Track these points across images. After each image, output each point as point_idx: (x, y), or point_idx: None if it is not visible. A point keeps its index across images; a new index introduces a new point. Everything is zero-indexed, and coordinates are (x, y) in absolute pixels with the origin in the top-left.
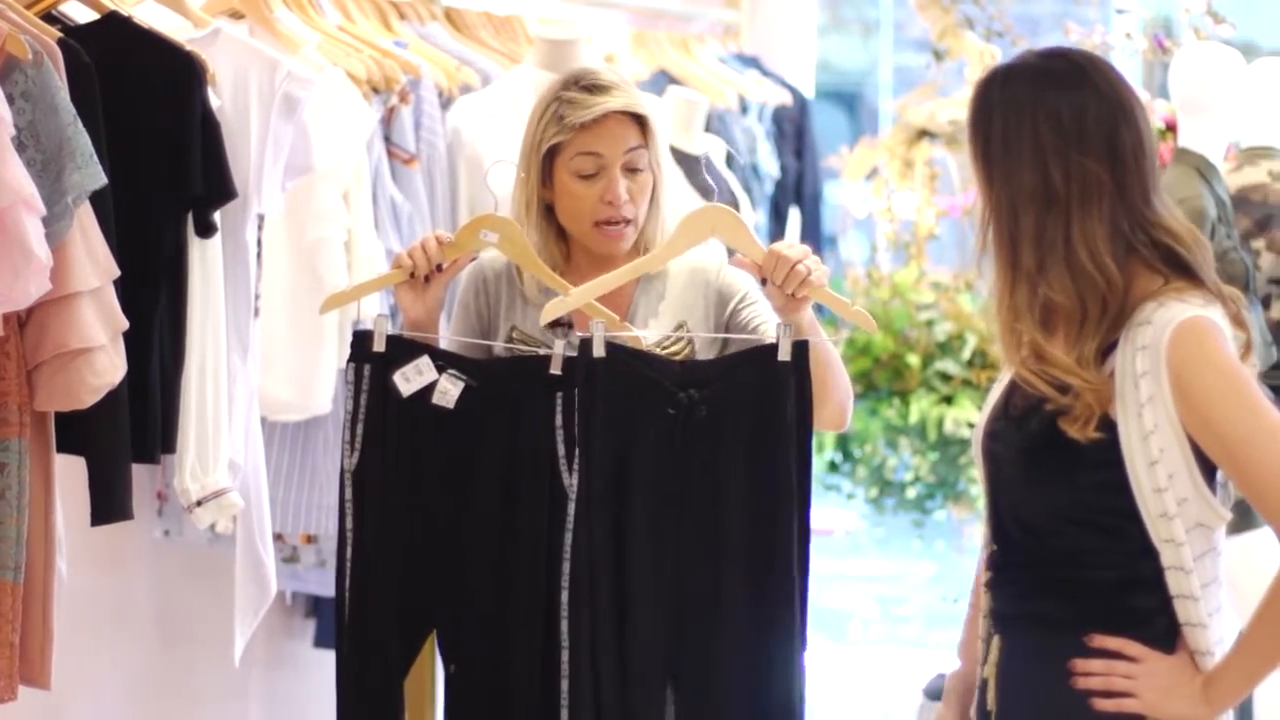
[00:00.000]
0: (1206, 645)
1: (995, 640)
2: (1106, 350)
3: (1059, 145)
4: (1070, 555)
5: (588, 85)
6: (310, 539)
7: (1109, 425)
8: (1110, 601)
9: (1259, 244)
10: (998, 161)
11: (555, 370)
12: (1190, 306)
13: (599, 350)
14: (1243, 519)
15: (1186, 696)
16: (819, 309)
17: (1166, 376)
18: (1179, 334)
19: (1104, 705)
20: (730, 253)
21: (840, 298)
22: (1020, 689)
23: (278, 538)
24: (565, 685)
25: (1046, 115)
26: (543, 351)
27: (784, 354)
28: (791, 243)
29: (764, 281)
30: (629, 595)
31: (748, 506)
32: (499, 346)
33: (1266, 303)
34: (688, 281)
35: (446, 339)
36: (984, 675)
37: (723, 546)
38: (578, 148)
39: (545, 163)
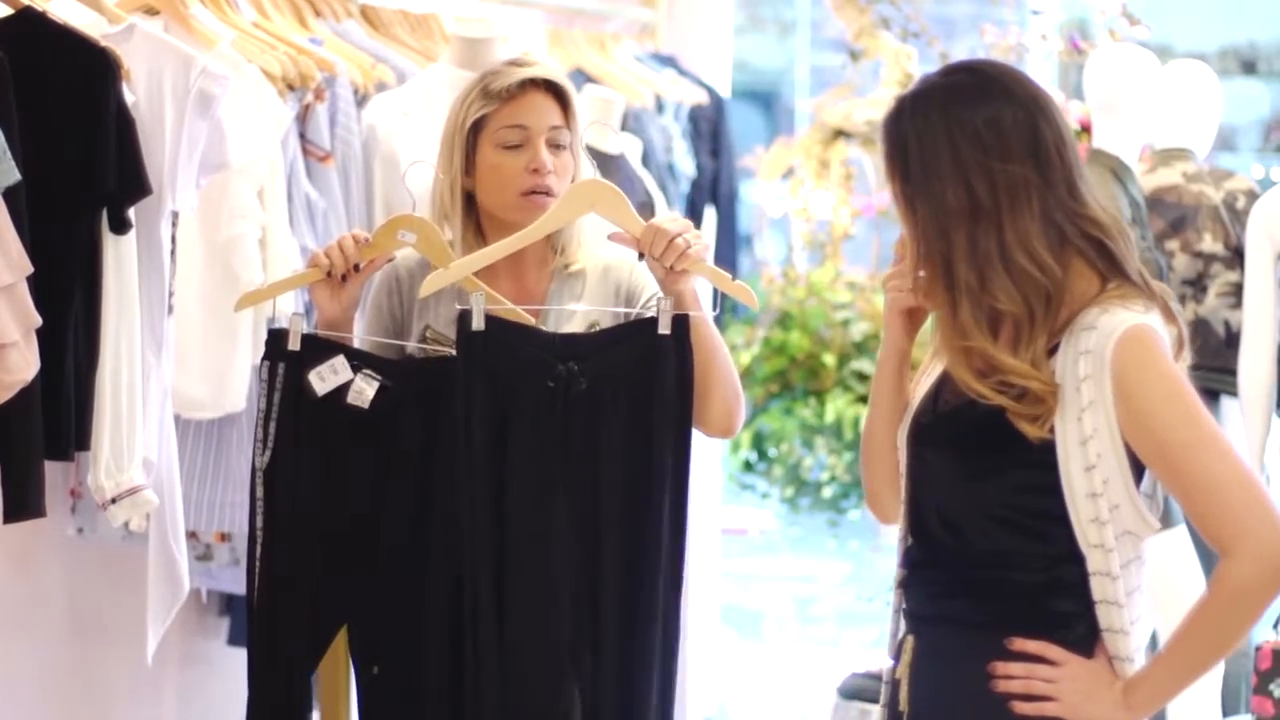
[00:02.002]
0: (1127, 652)
1: (909, 640)
2: (1049, 352)
3: (980, 159)
4: (993, 556)
5: (511, 61)
6: (224, 537)
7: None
8: (1030, 604)
9: (1173, 245)
10: (919, 187)
11: (479, 325)
12: (1133, 314)
13: (478, 323)
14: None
15: (1107, 701)
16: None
17: (1109, 382)
18: (1124, 341)
19: (1024, 709)
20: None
21: (719, 270)
22: (934, 690)
23: (191, 535)
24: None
25: (962, 132)
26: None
27: (664, 327)
28: (674, 216)
29: (642, 255)
30: (510, 565)
31: (626, 480)
32: (412, 346)
33: (1180, 304)
34: (600, 279)
35: (360, 339)
36: (896, 676)
37: (601, 518)
38: (503, 120)
39: (469, 143)
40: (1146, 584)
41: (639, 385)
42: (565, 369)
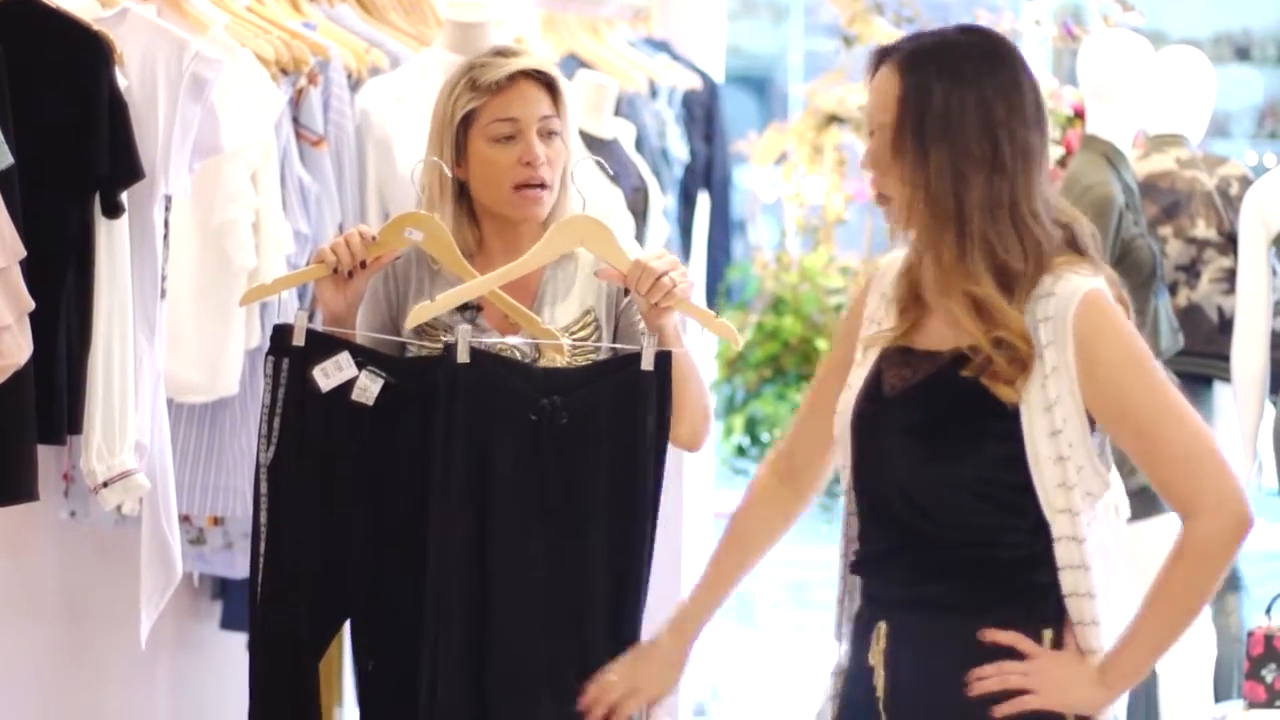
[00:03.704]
0: (1093, 616)
1: (881, 626)
2: None
3: (1005, 118)
4: (973, 533)
5: (497, 51)
6: (217, 521)
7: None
8: (1009, 579)
9: (1166, 231)
10: (936, 134)
11: (463, 359)
12: (1085, 278)
13: (463, 356)
14: (1149, 504)
15: (1084, 684)
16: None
17: (1071, 346)
18: (1084, 306)
19: (1004, 710)
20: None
21: (704, 310)
22: (914, 676)
23: (184, 519)
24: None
25: (994, 89)
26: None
27: (647, 363)
28: (661, 253)
29: (627, 291)
30: (490, 598)
31: (606, 515)
32: (408, 334)
33: (1173, 289)
34: (594, 267)
35: (361, 334)
36: (869, 663)
37: (584, 554)
38: (493, 113)
39: (459, 136)
40: (1114, 548)
41: (620, 420)
42: (548, 403)
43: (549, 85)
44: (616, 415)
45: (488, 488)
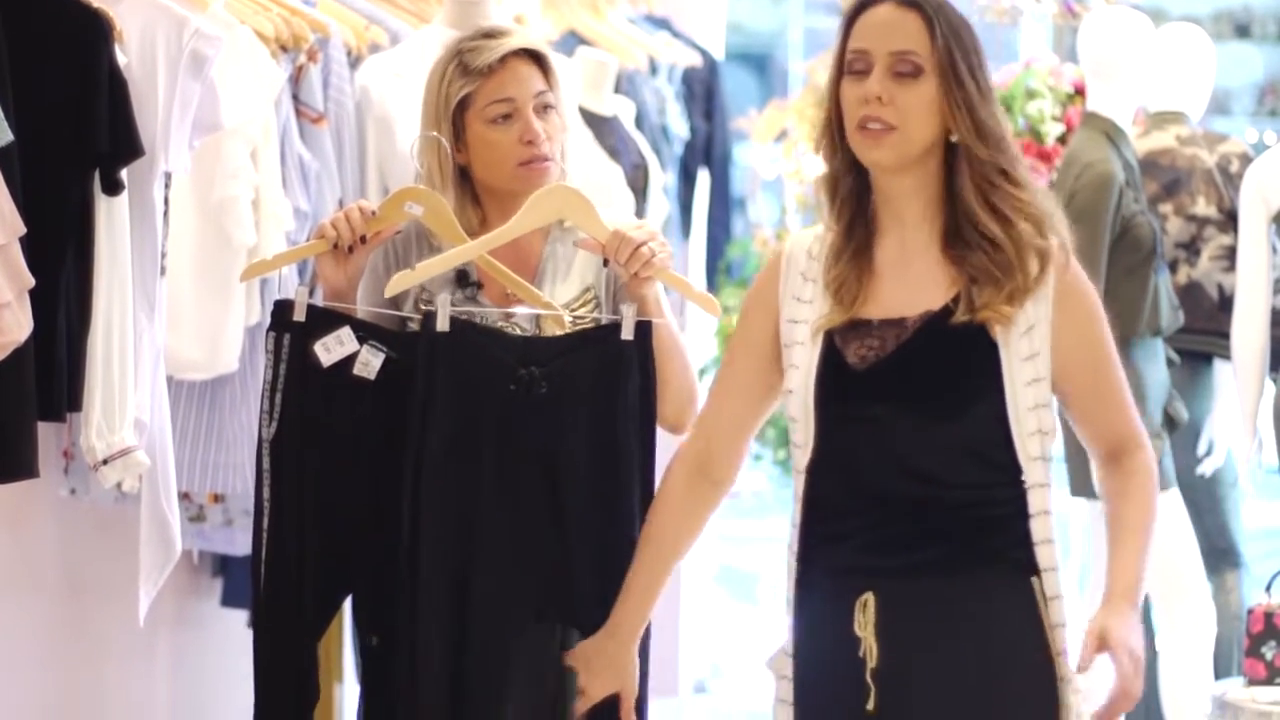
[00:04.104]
0: (1055, 562)
1: (869, 598)
2: None
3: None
4: (965, 494)
5: (484, 33)
6: (217, 498)
7: (991, 349)
8: (1000, 535)
9: (1166, 208)
10: (974, 61)
11: (443, 327)
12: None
13: (442, 324)
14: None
15: (1125, 619)
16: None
17: (1053, 295)
18: (1066, 256)
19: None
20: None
21: (683, 279)
22: (914, 642)
23: (184, 496)
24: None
25: (975, 45)
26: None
27: (627, 333)
28: (640, 223)
29: (606, 262)
30: (473, 565)
31: (588, 485)
32: (408, 308)
33: (1174, 267)
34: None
35: (362, 309)
36: (856, 634)
37: (565, 525)
38: (488, 96)
39: (455, 121)
40: None
41: (601, 389)
42: (526, 373)
43: (539, 60)
44: (596, 384)
45: (468, 455)
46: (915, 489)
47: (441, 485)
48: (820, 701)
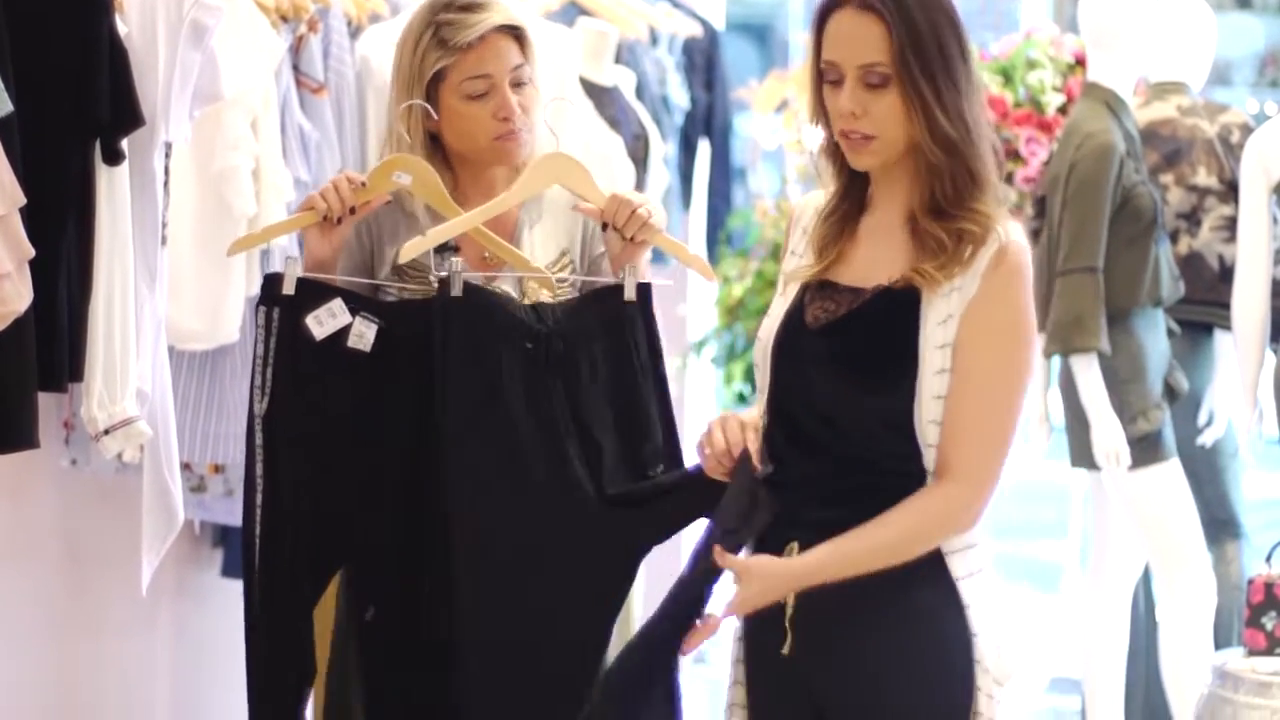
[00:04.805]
0: (962, 543)
1: (794, 546)
2: None
3: (963, 35)
4: (880, 460)
5: (463, 5)
6: (218, 469)
7: (914, 331)
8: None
9: (1167, 179)
10: (937, 64)
11: (457, 293)
12: (1013, 224)
13: (456, 290)
14: (1149, 453)
15: (778, 573)
16: None
17: (976, 288)
18: (1000, 255)
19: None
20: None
21: (678, 242)
22: (821, 593)
23: (185, 467)
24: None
25: (952, 29)
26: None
27: (630, 294)
28: (629, 192)
29: (605, 226)
30: (509, 527)
31: (615, 445)
32: (389, 276)
33: (1174, 237)
34: (567, 201)
35: (341, 279)
36: None
37: (603, 471)
38: (465, 71)
39: (429, 90)
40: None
41: (611, 350)
42: (544, 328)
43: (517, 35)
44: (607, 345)
45: (497, 414)
46: (839, 448)
47: (472, 448)
48: (753, 645)
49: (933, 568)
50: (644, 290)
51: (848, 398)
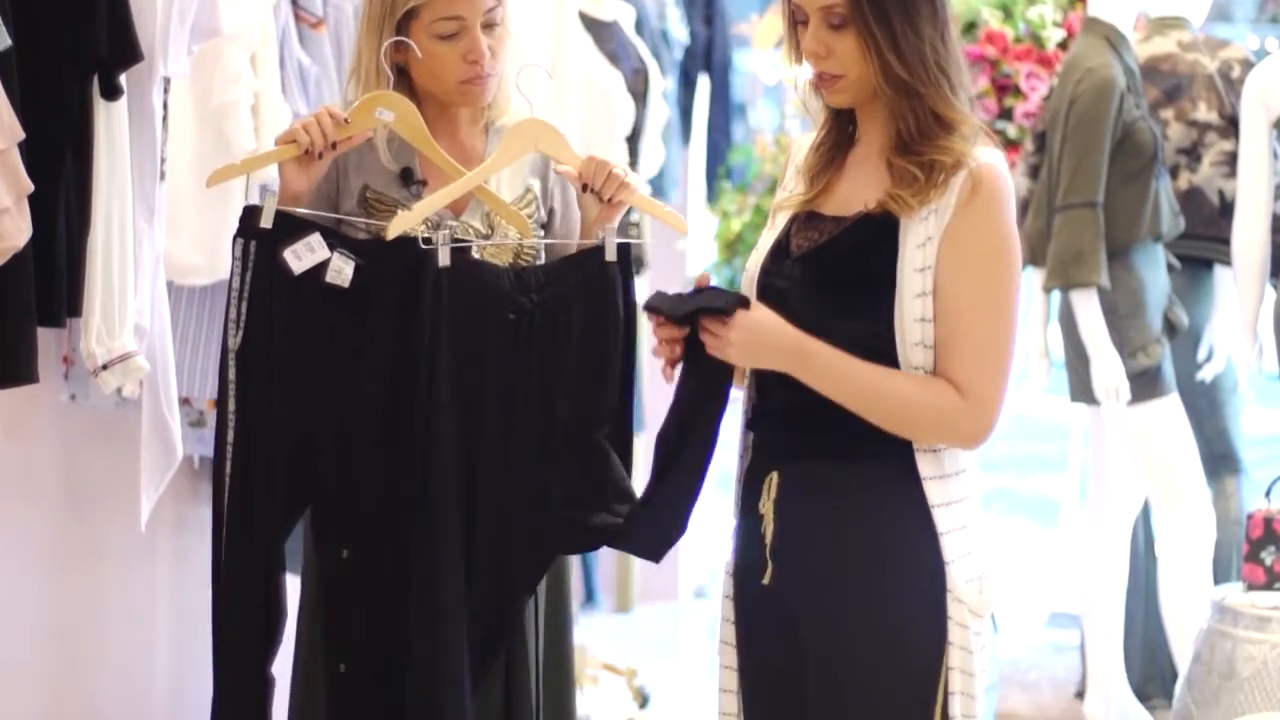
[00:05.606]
0: (939, 470)
1: (774, 477)
2: None
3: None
4: None
5: None
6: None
7: (893, 255)
8: (885, 430)
9: (1167, 114)
10: (894, 3)
11: (444, 263)
12: (987, 149)
13: (443, 260)
14: (1148, 388)
15: (780, 329)
16: None
17: (951, 213)
18: (973, 179)
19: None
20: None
21: (654, 200)
22: (799, 522)
23: (184, 402)
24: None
25: None
26: (423, 236)
27: (610, 255)
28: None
29: (584, 188)
30: (479, 495)
31: (575, 394)
32: (356, 210)
33: (1175, 172)
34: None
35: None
36: (760, 511)
37: (551, 435)
38: (437, 12)
39: (399, 28)
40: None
41: (591, 311)
42: (527, 300)
43: None
44: (586, 307)
45: (475, 387)
46: None
47: (449, 417)
48: (739, 578)
49: (908, 494)
50: (624, 250)
51: (828, 322)
